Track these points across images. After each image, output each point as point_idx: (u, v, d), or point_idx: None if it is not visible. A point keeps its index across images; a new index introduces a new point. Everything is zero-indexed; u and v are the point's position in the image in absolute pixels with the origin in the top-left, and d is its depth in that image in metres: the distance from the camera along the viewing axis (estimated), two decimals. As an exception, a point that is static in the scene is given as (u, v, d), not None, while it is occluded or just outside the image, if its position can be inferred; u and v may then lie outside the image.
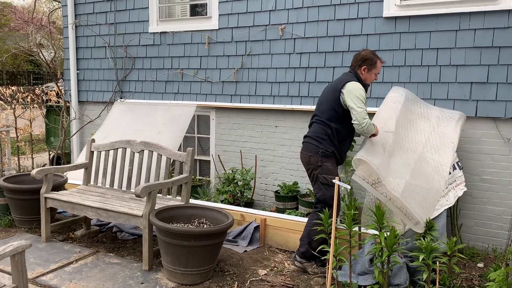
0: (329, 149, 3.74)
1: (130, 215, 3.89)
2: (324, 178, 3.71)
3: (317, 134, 3.79)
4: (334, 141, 3.76)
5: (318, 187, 3.78)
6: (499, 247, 4.37)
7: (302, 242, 3.86)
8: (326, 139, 3.74)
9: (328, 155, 3.75)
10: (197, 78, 6.05)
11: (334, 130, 3.74)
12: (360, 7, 4.91)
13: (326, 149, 3.73)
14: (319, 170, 3.74)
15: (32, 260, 3.98)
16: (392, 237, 3.10)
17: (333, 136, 3.75)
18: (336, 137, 3.76)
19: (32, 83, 23.84)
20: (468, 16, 4.40)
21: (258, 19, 5.53)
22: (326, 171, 3.73)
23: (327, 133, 3.75)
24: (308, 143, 3.85)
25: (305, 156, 3.84)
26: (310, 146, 3.81)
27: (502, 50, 4.29)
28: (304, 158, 3.86)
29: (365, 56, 3.85)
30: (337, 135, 3.76)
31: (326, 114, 3.78)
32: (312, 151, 3.77)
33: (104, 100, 6.82)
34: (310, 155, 3.78)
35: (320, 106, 3.90)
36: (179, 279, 3.60)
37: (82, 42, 6.98)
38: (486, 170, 4.43)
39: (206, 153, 6.25)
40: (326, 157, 3.74)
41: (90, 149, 4.84)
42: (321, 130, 3.78)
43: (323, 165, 3.73)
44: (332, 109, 3.75)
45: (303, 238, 3.86)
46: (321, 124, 3.80)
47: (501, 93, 4.31)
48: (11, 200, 4.83)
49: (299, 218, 4.44)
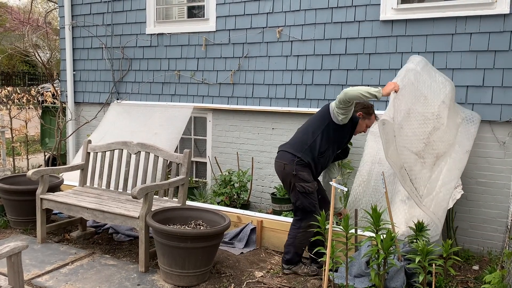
0: (306, 159, 3.72)
1: (127, 216, 3.89)
2: (301, 187, 3.69)
3: (297, 143, 3.80)
4: (314, 151, 3.74)
5: (296, 196, 3.75)
6: (494, 250, 4.39)
7: (287, 249, 3.86)
8: (306, 149, 3.73)
9: (304, 165, 3.72)
10: (194, 79, 6.05)
11: (318, 141, 3.73)
12: (357, 10, 4.93)
13: (303, 158, 3.71)
14: (295, 179, 3.71)
15: (27, 261, 3.96)
16: (388, 240, 3.11)
17: (314, 147, 3.73)
18: (317, 149, 3.73)
19: (27, 84, 23.74)
20: (464, 20, 4.43)
21: (256, 21, 5.54)
22: (302, 180, 3.70)
23: (308, 143, 3.74)
24: (284, 151, 3.83)
25: (280, 165, 3.80)
26: (286, 154, 3.79)
27: (497, 54, 4.32)
28: (279, 167, 3.82)
29: (367, 105, 3.90)
30: (319, 147, 3.73)
31: (314, 125, 3.81)
32: (288, 160, 3.74)
33: (101, 101, 6.81)
34: (285, 164, 3.75)
35: (306, 122, 3.95)
36: (175, 280, 3.59)
37: (78, 43, 6.96)
38: (482, 173, 4.46)
39: (202, 155, 6.25)
40: (302, 166, 3.72)
41: (86, 150, 4.83)
42: (303, 139, 3.78)
43: (298, 174, 3.70)
44: (319, 120, 3.79)
45: (288, 246, 3.86)
46: (305, 133, 3.81)
47: (497, 97, 4.34)
48: (6, 201, 4.81)
49: (296, 220, 4.44)
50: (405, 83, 3.71)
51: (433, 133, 3.77)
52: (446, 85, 4.06)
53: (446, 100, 3.94)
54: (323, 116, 3.80)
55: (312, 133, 3.77)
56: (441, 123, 3.79)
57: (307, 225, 3.75)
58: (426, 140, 3.69)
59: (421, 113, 3.72)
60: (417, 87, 3.82)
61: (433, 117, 3.77)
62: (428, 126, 3.73)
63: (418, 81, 3.86)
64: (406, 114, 3.62)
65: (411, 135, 3.60)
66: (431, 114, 3.77)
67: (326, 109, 3.80)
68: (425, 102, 3.81)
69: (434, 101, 3.86)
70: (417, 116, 3.69)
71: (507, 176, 4.35)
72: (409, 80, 3.77)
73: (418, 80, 3.86)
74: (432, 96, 3.87)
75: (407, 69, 3.91)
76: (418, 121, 3.67)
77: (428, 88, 3.89)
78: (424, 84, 3.89)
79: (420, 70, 3.94)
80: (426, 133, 3.70)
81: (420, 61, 4.05)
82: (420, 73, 3.91)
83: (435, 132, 3.78)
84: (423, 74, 3.93)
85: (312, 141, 3.74)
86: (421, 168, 3.58)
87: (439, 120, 3.78)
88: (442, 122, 3.81)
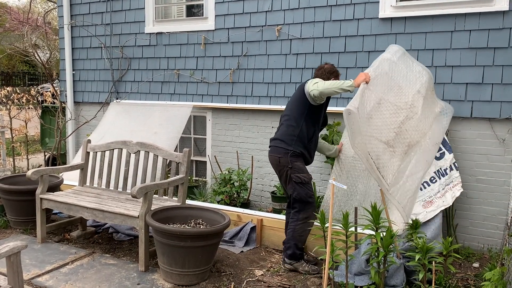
0: (298, 150, 3.83)
1: (126, 215, 3.89)
2: (298, 177, 3.80)
3: (286, 136, 3.87)
4: (303, 140, 3.85)
5: (293, 187, 3.84)
6: (495, 247, 4.39)
7: (287, 244, 3.89)
8: (295, 140, 3.83)
9: (298, 155, 3.84)
10: (193, 78, 6.04)
11: (304, 127, 3.82)
12: (356, 8, 4.92)
13: (295, 149, 3.82)
14: (291, 170, 3.81)
15: (27, 261, 3.96)
16: (388, 237, 3.11)
17: (302, 135, 3.83)
18: (306, 135, 3.85)
19: (27, 84, 23.75)
20: (464, 17, 4.42)
21: (255, 20, 5.53)
22: (298, 171, 3.81)
23: (296, 133, 3.83)
24: (276, 146, 3.91)
25: (275, 158, 3.90)
26: (279, 148, 3.87)
27: (497, 51, 4.31)
28: (274, 160, 3.91)
29: (332, 69, 3.99)
30: (307, 132, 3.85)
31: (295, 112, 3.87)
32: (281, 153, 3.84)
33: (100, 101, 6.81)
34: (279, 157, 3.85)
35: (287, 108, 4.00)
36: (175, 279, 3.59)
37: (78, 43, 6.96)
38: (482, 171, 4.46)
39: (202, 153, 6.24)
40: (296, 156, 3.83)
41: (86, 149, 4.82)
42: (290, 131, 3.85)
43: (293, 165, 3.81)
44: (300, 106, 3.84)
45: (288, 241, 3.89)
46: (290, 125, 3.87)
47: (496, 94, 4.34)
48: (6, 201, 4.81)
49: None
50: (378, 73, 3.74)
51: (406, 122, 3.78)
52: (423, 75, 4.07)
53: (422, 89, 3.96)
54: (301, 102, 3.84)
55: (296, 123, 3.84)
56: (414, 112, 3.80)
57: (305, 217, 3.82)
58: (397, 130, 3.71)
59: (393, 102, 3.74)
60: (391, 76, 3.84)
61: (406, 106, 3.79)
62: (400, 116, 3.75)
63: (393, 70, 3.88)
64: (377, 104, 3.64)
65: (381, 124, 3.62)
66: (404, 104, 3.79)
67: (302, 94, 3.83)
68: (399, 92, 3.83)
69: (409, 91, 3.88)
70: (389, 106, 3.71)
71: (507, 173, 4.35)
72: (382, 70, 3.80)
73: (393, 70, 3.88)
74: (406, 86, 3.89)
75: (382, 58, 3.93)
76: (389, 111, 3.69)
77: (404, 78, 3.91)
78: (399, 74, 3.91)
79: (397, 60, 3.96)
80: (398, 122, 3.72)
81: (397, 51, 4.07)
82: (396, 63, 3.94)
83: (408, 121, 3.79)
84: (399, 64, 3.95)
85: (299, 131, 3.83)
86: (390, 157, 3.61)
87: (412, 109, 3.80)
88: (416, 111, 3.81)
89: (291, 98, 4.04)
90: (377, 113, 3.63)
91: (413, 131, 3.83)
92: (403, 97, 3.81)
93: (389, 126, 3.65)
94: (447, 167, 4.26)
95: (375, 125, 3.58)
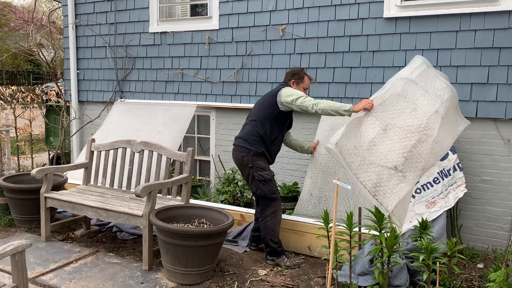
0: (260, 150, 3.98)
1: (130, 215, 3.89)
2: (260, 175, 3.95)
3: (249, 136, 4.02)
4: (266, 141, 3.99)
5: (256, 185, 3.99)
6: (499, 248, 4.37)
7: (264, 242, 4.06)
8: (258, 141, 3.98)
9: (259, 154, 3.99)
10: (197, 78, 6.04)
11: (268, 130, 3.97)
12: (360, 7, 4.91)
13: (256, 150, 3.97)
14: (253, 169, 3.96)
15: (32, 259, 3.98)
16: (392, 238, 3.09)
17: (266, 136, 3.98)
18: (268, 137, 3.99)
19: (32, 83, 23.83)
20: (469, 17, 4.40)
21: (259, 19, 5.53)
22: (259, 169, 3.97)
23: (259, 134, 3.98)
24: (239, 146, 4.06)
25: (238, 157, 4.06)
26: (242, 147, 4.03)
27: (502, 50, 4.29)
28: (237, 159, 4.08)
29: (294, 71, 4.17)
30: (270, 135, 3.99)
31: (262, 113, 4.01)
32: (244, 152, 4.00)
33: (104, 100, 6.82)
34: (242, 156, 4.01)
35: (255, 110, 4.13)
36: (179, 279, 3.59)
37: (82, 42, 6.98)
38: (486, 171, 4.43)
39: (206, 153, 6.25)
40: (258, 156, 3.98)
41: (90, 148, 4.84)
42: (254, 132, 4.00)
43: (255, 164, 3.96)
44: (268, 109, 4.00)
45: (263, 238, 4.05)
46: (254, 125, 4.01)
47: (502, 94, 4.32)
48: (11, 200, 4.83)
49: (299, 218, 4.43)
50: (388, 97, 3.67)
51: (418, 145, 3.57)
52: (446, 92, 3.82)
53: (441, 109, 3.70)
54: (270, 107, 4.00)
55: (262, 124, 3.98)
56: (429, 135, 3.58)
57: (272, 211, 3.99)
58: (407, 154, 3.54)
59: (402, 127, 3.59)
60: (405, 97, 3.69)
61: (418, 129, 3.59)
62: (411, 140, 3.56)
63: (408, 91, 3.71)
64: (382, 130, 3.58)
65: (387, 150, 3.52)
66: (416, 127, 3.60)
67: (273, 100, 3.98)
68: (412, 114, 3.65)
69: (425, 111, 3.66)
70: (397, 130, 3.58)
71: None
72: (394, 92, 3.69)
73: (407, 90, 3.71)
74: (423, 106, 3.68)
75: (398, 77, 3.80)
76: (398, 136, 3.56)
77: (421, 97, 3.72)
78: (415, 94, 3.73)
79: (415, 78, 3.78)
80: (409, 146, 3.54)
81: (418, 66, 3.89)
82: (414, 81, 3.76)
83: (421, 145, 3.58)
84: (418, 82, 3.77)
85: (263, 133, 3.98)
86: (398, 182, 3.48)
87: (426, 132, 3.58)
88: (431, 134, 3.59)
89: (257, 104, 4.17)
90: (383, 139, 3.55)
91: (428, 154, 3.61)
92: (416, 119, 3.63)
93: (397, 151, 3.53)
94: (451, 167, 4.25)
95: (380, 152, 3.51)
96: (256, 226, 4.29)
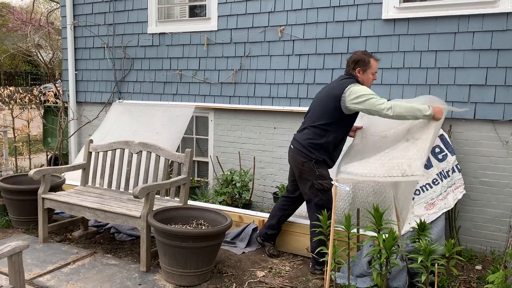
0: (321, 157, 3.72)
1: (128, 216, 3.88)
2: (320, 184, 3.71)
3: (311, 142, 3.71)
4: (329, 149, 3.71)
5: (315, 193, 3.75)
6: (498, 250, 4.37)
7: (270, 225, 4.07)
8: (319, 149, 3.70)
9: (321, 162, 3.73)
10: (196, 79, 6.04)
11: (331, 137, 3.68)
12: (359, 9, 4.91)
13: (318, 158, 3.71)
14: (314, 177, 3.71)
15: (29, 261, 3.96)
16: (390, 239, 3.09)
17: (329, 144, 3.69)
18: (332, 144, 3.71)
19: (30, 84, 23.81)
20: (467, 19, 4.41)
21: (257, 20, 5.53)
22: (321, 177, 3.72)
23: (320, 144, 3.68)
24: (300, 150, 3.76)
25: (298, 161, 3.77)
26: (303, 153, 3.74)
27: (500, 52, 4.29)
28: (297, 163, 3.79)
29: (357, 58, 3.71)
30: (334, 141, 3.71)
31: (324, 119, 3.67)
32: (305, 158, 3.72)
33: (103, 101, 6.81)
34: (304, 161, 3.73)
35: (315, 112, 3.77)
36: (177, 280, 3.58)
37: (80, 43, 6.97)
38: (485, 173, 4.44)
39: (204, 154, 6.24)
40: (319, 163, 3.72)
41: (88, 149, 4.82)
42: (316, 138, 3.69)
43: (317, 171, 3.71)
44: (330, 115, 3.65)
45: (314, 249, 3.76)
46: (315, 133, 3.71)
47: (500, 96, 4.32)
48: (8, 201, 4.81)
49: (298, 219, 4.43)
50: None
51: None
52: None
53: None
54: (334, 111, 3.62)
55: (324, 132, 3.67)
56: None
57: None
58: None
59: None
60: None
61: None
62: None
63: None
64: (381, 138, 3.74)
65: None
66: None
67: (337, 105, 3.58)
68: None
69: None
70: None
71: (510, 175, 4.33)
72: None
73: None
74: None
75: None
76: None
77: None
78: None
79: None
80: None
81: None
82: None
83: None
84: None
85: (324, 142, 3.68)
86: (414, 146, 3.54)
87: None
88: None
89: (318, 102, 3.77)
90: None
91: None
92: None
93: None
94: (450, 169, 4.25)
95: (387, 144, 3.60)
96: (270, 223, 4.16)
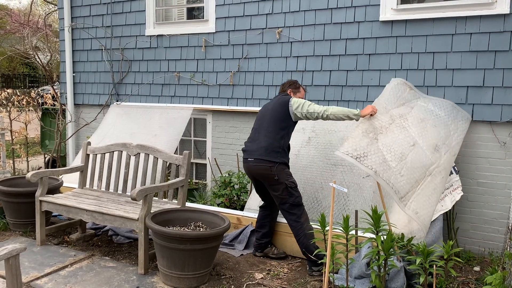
0: (284, 160, 3.99)
1: (126, 218, 3.87)
2: (292, 182, 3.93)
3: (269, 150, 3.94)
4: (287, 151, 4.05)
5: (289, 193, 3.90)
6: (496, 251, 4.37)
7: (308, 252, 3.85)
8: (280, 151, 3.97)
9: (285, 163, 4.01)
10: (194, 81, 6.04)
11: (286, 140, 4.02)
12: (356, 11, 4.92)
13: (281, 160, 3.96)
14: (284, 178, 3.90)
15: (26, 263, 3.95)
16: (388, 241, 3.09)
17: (285, 147, 4.02)
18: (287, 147, 4.08)
19: (28, 86, 23.77)
20: (464, 20, 4.42)
21: (255, 22, 5.53)
22: (289, 176, 3.97)
23: (280, 145, 3.97)
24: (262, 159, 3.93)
25: (266, 168, 3.92)
26: (265, 160, 3.92)
27: (498, 54, 4.31)
28: (264, 170, 3.93)
29: (290, 81, 4.34)
30: (287, 145, 4.07)
31: (279, 125, 3.99)
32: (272, 162, 3.92)
33: (100, 103, 6.80)
34: (271, 166, 3.90)
35: (266, 122, 4.06)
36: (175, 283, 3.57)
37: (78, 45, 6.96)
38: (482, 174, 4.44)
39: (202, 156, 6.23)
40: (284, 164, 3.98)
41: (86, 152, 4.82)
42: (275, 143, 3.95)
43: (285, 171, 3.94)
44: (283, 122, 3.99)
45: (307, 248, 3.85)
46: (275, 136, 3.97)
47: (497, 97, 4.33)
48: (5, 203, 4.80)
49: (296, 221, 4.42)
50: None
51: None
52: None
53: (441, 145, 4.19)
54: (284, 118, 3.99)
55: (281, 137, 3.98)
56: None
57: (305, 218, 3.94)
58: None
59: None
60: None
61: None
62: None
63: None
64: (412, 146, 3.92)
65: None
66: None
67: (286, 112, 3.98)
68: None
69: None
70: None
71: (508, 176, 4.33)
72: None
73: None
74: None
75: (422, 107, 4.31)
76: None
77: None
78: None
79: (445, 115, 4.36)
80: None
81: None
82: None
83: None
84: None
85: (283, 144, 3.99)
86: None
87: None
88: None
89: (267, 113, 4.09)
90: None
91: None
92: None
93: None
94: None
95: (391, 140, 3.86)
96: (263, 232, 4.22)
